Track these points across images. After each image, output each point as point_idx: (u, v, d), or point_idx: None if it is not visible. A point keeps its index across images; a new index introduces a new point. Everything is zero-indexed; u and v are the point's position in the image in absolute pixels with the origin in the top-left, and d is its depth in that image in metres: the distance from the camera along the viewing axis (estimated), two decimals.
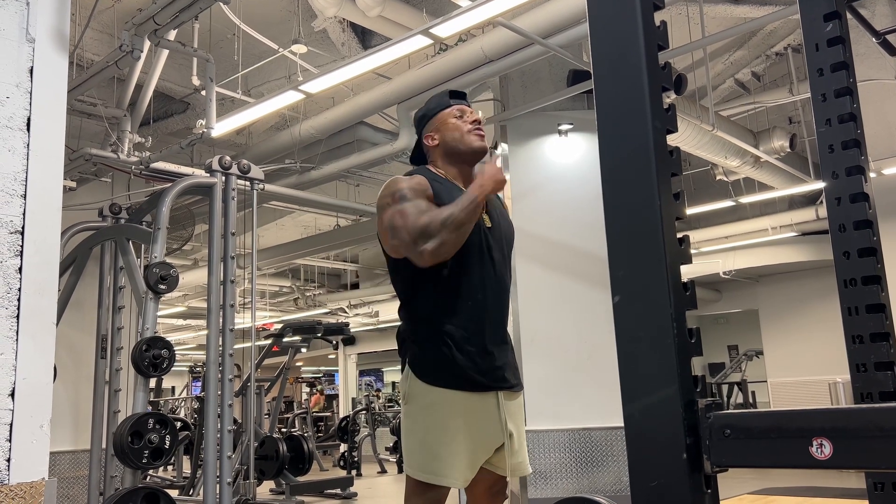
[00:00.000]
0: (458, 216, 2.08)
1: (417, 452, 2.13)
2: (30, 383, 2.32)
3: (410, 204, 2.14)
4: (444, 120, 2.33)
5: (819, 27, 1.24)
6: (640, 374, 0.94)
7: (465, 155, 2.31)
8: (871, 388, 1.22)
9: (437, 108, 2.36)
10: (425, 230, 2.06)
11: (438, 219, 2.08)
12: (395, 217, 2.13)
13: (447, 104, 2.35)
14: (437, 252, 2.07)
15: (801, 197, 9.32)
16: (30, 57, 2.50)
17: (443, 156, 2.33)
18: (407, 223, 2.09)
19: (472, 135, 2.30)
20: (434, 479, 2.08)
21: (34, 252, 2.39)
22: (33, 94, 2.48)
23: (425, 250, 2.06)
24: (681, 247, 0.98)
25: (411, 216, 2.10)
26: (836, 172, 1.25)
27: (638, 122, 0.98)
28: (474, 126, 2.31)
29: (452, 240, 2.08)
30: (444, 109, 2.35)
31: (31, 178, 2.42)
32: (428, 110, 2.38)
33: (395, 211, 2.14)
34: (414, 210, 2.12)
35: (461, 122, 2.31)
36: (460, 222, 2.08)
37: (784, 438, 0.85)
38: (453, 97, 2.37)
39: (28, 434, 2.29)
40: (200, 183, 5.08)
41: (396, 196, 2.17)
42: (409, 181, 2.21)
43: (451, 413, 2.10)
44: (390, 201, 2.17)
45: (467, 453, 2.11)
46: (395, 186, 2.20)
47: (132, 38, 4.32)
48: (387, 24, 5.34)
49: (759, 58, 6.89)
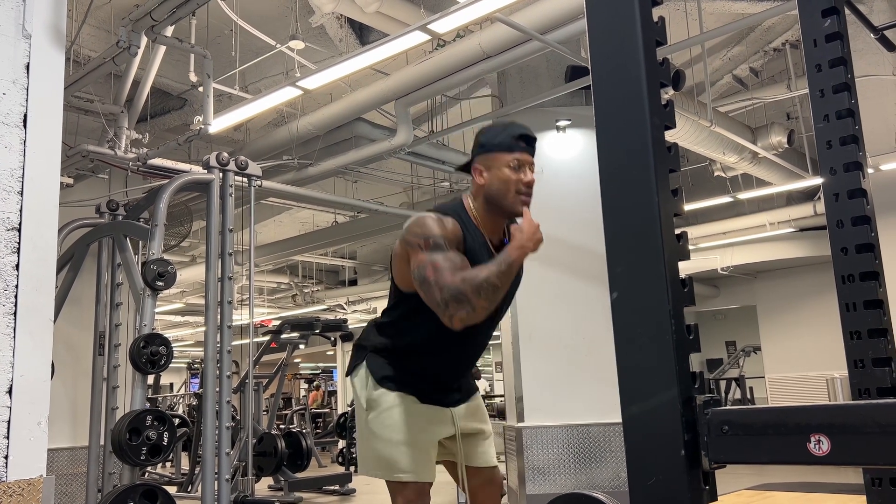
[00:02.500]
0: (495, 282, 1.99)
1: (385, 454, 2.20)
2: (27, 380, 2.32)
3: (443, 257, 2.04)
4: (499, 165, 2.17)
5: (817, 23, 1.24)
6: (638, 370, 0.94)
7: (504, 211, 2.21)
8: (869, 384, 1.22)
9: (498, 147, 2.18)
10: (458, 295, 1.96)
11: (473, 283, 1.97)
12: (427, 269, 2.03)
13: (509, 147, 2.18)
14: (469, 319, 1.99)
15: (799, 193, 9.32)
16: (26, 53, 2.49)
17: (484, 198, 2.21)
18: (440, 281, 1.99)
19: (518, 197, 2.17)
20: (404, 477, 2.17)
21: (31, 249, 2.39)
22: (30, 90, 2.47)
23: (456, 317, 1.98)
24: (679, 243, 0.97)
25: (445, 273, 2.00)
26: (834, 168, 1.25)
27: (636, 118, 0.98)
28: (525, 189, 2.19)
29: (485, 306, 2.00)
30: (504, 152, 2.18)
31: (27, 175, 2.41)
32: (488, 142, 2.21)
33: (427, 261, 2.03)
34: (448, 265, 2.02)
35: (514, 175, 2.16)
36: (496, 288, 1.99)
37: (782, 435, 0.85)
38: (521, 140, 2.20)
39: (26, 431, 2.29)
40: (198, 179, 5.07)
41: (430, 242, 2.06)
42: (442, 226, 2.10)
43: (409, 413, 2.22)
44: (422, 245, 2.07)
45: (427, 450, 2.24)
46: (428, 229, 2.09)
47: (129, 34, 4.31)
48: (384, 20, 5.33)
49: (757, 53, 6.88)
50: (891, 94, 7.01)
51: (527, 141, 2.22)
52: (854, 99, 1.25)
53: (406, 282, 2.17)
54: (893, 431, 0.77)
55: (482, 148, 2.22)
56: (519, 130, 2.21)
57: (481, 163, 2.21)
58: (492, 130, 2.24)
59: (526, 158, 2.21)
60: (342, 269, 14.92)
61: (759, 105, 7.39)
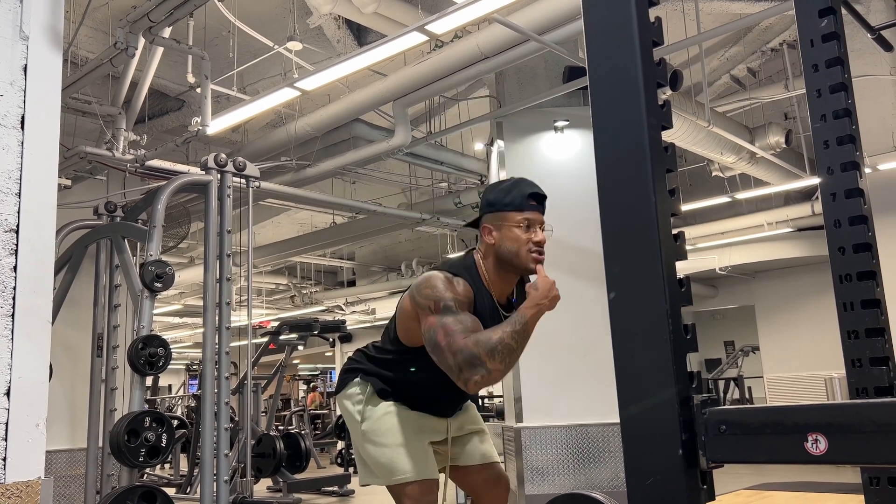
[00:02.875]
0: (510, 343, 1.95)
1: (386, 460, 2.21)
2: (25, 382, 2.32)
3: (454, 319, 2.01)
4: (509, 224, 2.14)
5: (814, 23, 1.24)
6: (635, 370, 0.94)
7: (517, 270, 2.19)
8: (867, 384, 1.22)
9: (508, 207, 2.15)
10: (472, 359, 1.93)
11: (487, 346, 1.93)
12: (439, 333, 2.00)
13: (519, 206, 2.14)
14: (484, 383, 1.96)
15: (797, 192, 9.33)
16: (24, 55, 2.49)
17: (494, 257, 2.18)
18: (452, 345, 1.96)
19: (530, 254, 2.14)
20: (410, 477, 2.17)
21: (29, 250, 2.39)
22: (27, 91, 2.47)
23: (471, 381, 1.95)
24: (676, 243, 0.98)
25: (457, 336, 1.97)
26: (831, 168, 1.25)
27: (633, 118, 0.98)
28: (536, 247, 2.15)
29: (501, 369, 1.95)
30: (514, 212, 2.14)
31: (25, 177, 2.41)
32: (497, 200, 2.17)
33: (438, 325, 2.01)
34: (459, 328, 1.99)
35: (525, 235, 2.13)
36: (511, 349, 1.96)
37: (779, 434, 0.85)
38: (531, 199, 2.16)
39: (24, 433, 2.29)
40: (196, 181, 5.07)
41: (440, 305, 2.03)
42: (454, 288, 2.08)
43: (403, 418, 2.24)
44: (433, 307, 2.04)
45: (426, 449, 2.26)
46: (439, 291, 2.06)
47: (127, 35, 4.31)
48: (382, 21, 5.33)
49: (754, 54, 6.89)
50: (888, 93, 7.02)
51: (537, 199, 2.18)
52: (851, 99, 1.26)
53: (411, 339, 2.18)
54: (890, 430, 0.77)
55: (491, 206, 2.18)
56: (529, 189, 2.17)
57: (490, 222, 2.18)
58: (500, 188, 2.20)
59: (537, 217, 2.17)
60: (340, 270, 14.92)
61: (756, 105, 7.40)
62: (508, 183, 2.21)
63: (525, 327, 1.99)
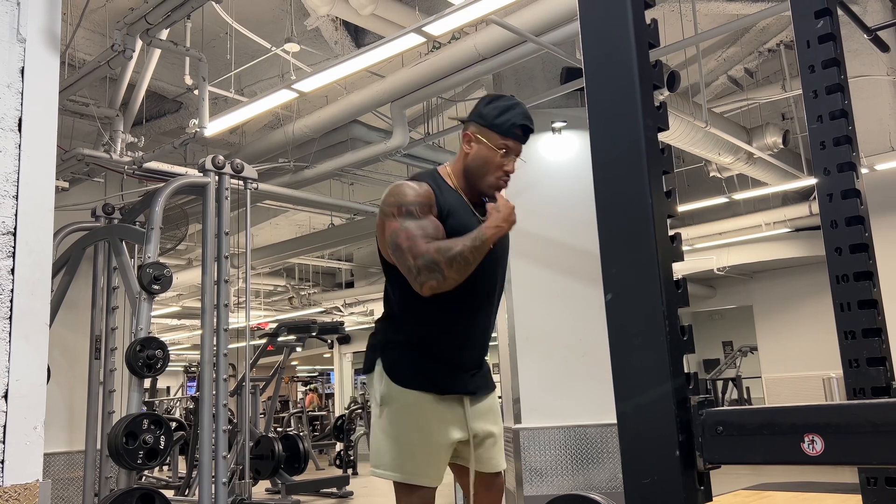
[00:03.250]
0: (468, 256, 2.01)
1: (395, 454, 2.17)
2: (23, 385, 2.31)
3: (416, 224, 2.07)
4: (489, 144, 2.19)
5: (810, 24, 1.25)
6: (632, 371, 0.94)
7: (479, 188, 2.24)
8: (864, 384, 1.22)
9: (495, 128, 2.19)
10: (431, 265, 2.00)
11: (447, 255, 2.00)
12: (400, 236, 2.06)
13: (505, 131, 2.19)
14: (439, 288, 2.03)
15: (795, 193, 9.34)
16: (21, 57, 2.49)
17: (464, 168, 2.24)
18: (414, 248, 2.03)
19: (497, 181, 2.21)
20: (410, 479, 2.13)
21: (27, 253, 2.39)
22: (24, 94, 2.46)
23: (426, 285, 2.02)
24: (672, 244, 0.98)
25: (419, 241, 2.03)
26: (827, 169, 1.25)
27: (629, 119, 0.98)
28: (505, 176, 2.22)
29: (456, 279, 2.03)
30: (499, 135, 2.19)
31: (22, 179, 2.41)
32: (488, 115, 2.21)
33: (400, 229, 2.07)
34: (420, 233, 2.05)
35: (498, 160, 2.19)
36: (468, 262, 2.02)
37: (775, 435, 0.85)
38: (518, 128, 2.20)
39: (22, 436, 2.28)
40: (194, 182, 5.07)
41: (402, 210, 2.09)
42: (415, 192, 2.13)
43: (424, 415, 2.17)
44: (395, 213, 2.10)
45: (438, 453, 2.19)
46: (401, 197, 2.12)
47: (124, 37, 4.31)
48: (380, 23, 5.33)
49: (751, 54, 6.90)
50: (885, 94, 7.03)
51: (524, 131, 2.23)
52: (847, 100, 1.26)
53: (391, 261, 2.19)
54: (886, 431, 0.77)
55: (481, 118, 2.23)
56: (520, 120, 2.22)
57: (474, 131, 2.23)
58: (496, 106, 2.23)
59: (517, 148, 2.23)
60: (339, 271, 14.91)
61: (754, 106, 7.40)
62: (504, 103, 2.24)
63: (483, 244, 2.05)
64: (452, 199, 2.20)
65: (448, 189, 2.22)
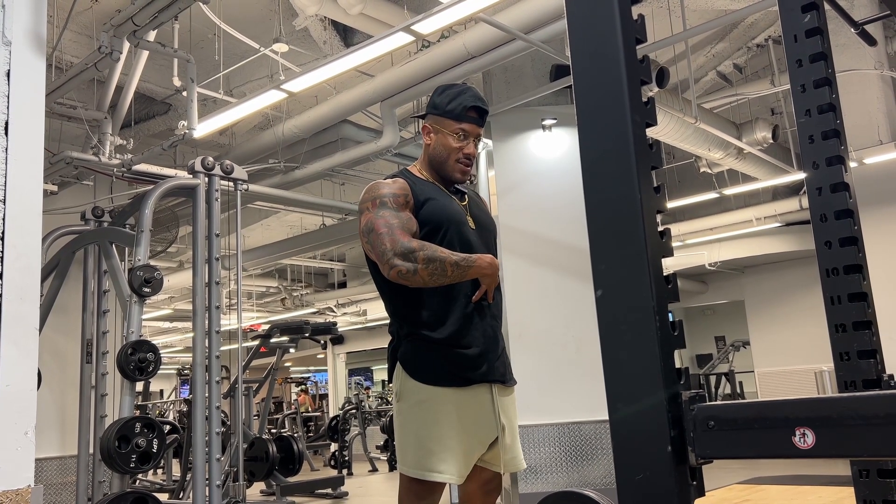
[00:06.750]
0: (447, 268, 2.04)
1: (411, 449, 2.13)
2: (13, 390, 2.30)
3: (392, 213, 2.13)
4: (445, 131, 2.25)
5: (797, 18, 1.25)
6: (623, 367, 0.94)
7: (445, 175, 2.30)
8: (855, 377, 1.22)
9: (448, 114, 2.24)
10: (408, 253, 2.03)
11: (429, 254, 2.03)
12: (377, 222, 2.11)
13: (458, 116, 2.23)
14: (404, 278, 2.05)
15: (785, 187, 9.38)
16: (6, 60, 2.47)
17: (428, 159, 2.31)
18: (394, 233, 2.07)
19: (457, 164, 2.26)
20: (428, 476, 2.08)
21: (15, 257, 2.37)
22: (11, 97, 2.45)
23: (395, 269, 2.04)
24: (662, 240, 0.98)
25: (398, 230, 2.08)
26: (816, 163, 1.25)
27: (617, 116, 0.98)
28: (465, 159, 2.26)
29: (425, 279, 2.04)
30: (453, 120, 2.24)
31: (10, 183, 2.39)
32: (440, 104, 2.26)
33: (377, 217, 2.12)
34: (397, 223, 2.11)
35: (457, 144, 2.24)
36: (444, 273, 2.05)
37: (767, 429, 0.85)
38: (471, 111, 2.24)
39: (13, 441, 2.27)
40: (183, 184, 5.05)
41: (377, 202, 2.16)
42: (389, 186, 2.19)
43: (443, 409, 2.11)
44: (370, 206, 2.17)
45: (461, 448, 2.11)
46: (376, 191, 2.19)
47: (111, 39, 4.29)
48: (368, 22, 5.33)
49: (740, 50, 6.92)
50: (874, 87, 7.06)
51: (478, 112, 2.26)
52: (835, 93, 1.26)
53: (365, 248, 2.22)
54: (877, 423, 0.78)
55: (434, 109, 2.28)
56: (471, 102, 2.24)
57: (430, 122, 2.29)
58: (446, 94, 2.28)
59: (474, 130, 2.26)
60: (331, 271, 14.89)
61: (743, 101, 7.43)
62: (455, 90, 2.28)
63: (466, 270, 2.08)
64: (427, 187, 2.26)
65: (421, 181, 2.28)
